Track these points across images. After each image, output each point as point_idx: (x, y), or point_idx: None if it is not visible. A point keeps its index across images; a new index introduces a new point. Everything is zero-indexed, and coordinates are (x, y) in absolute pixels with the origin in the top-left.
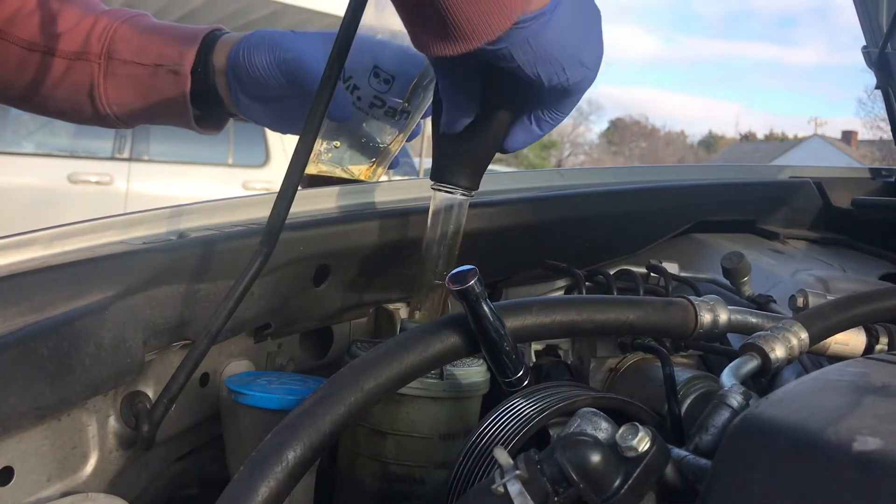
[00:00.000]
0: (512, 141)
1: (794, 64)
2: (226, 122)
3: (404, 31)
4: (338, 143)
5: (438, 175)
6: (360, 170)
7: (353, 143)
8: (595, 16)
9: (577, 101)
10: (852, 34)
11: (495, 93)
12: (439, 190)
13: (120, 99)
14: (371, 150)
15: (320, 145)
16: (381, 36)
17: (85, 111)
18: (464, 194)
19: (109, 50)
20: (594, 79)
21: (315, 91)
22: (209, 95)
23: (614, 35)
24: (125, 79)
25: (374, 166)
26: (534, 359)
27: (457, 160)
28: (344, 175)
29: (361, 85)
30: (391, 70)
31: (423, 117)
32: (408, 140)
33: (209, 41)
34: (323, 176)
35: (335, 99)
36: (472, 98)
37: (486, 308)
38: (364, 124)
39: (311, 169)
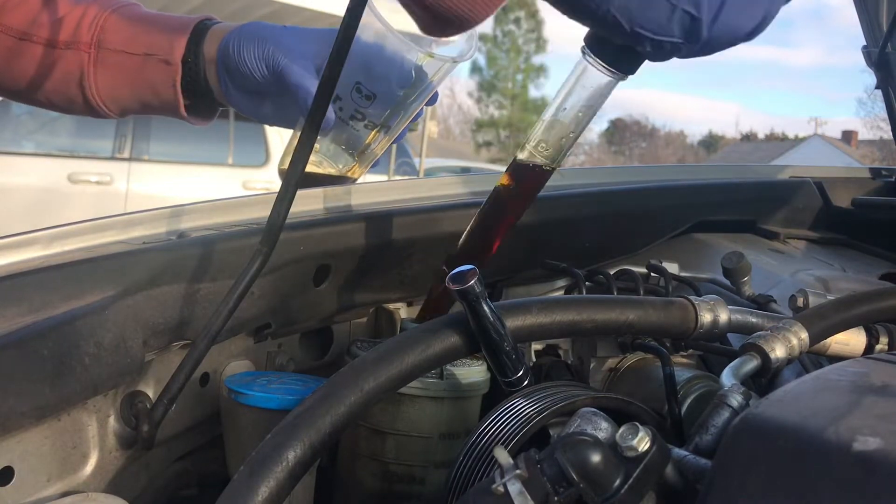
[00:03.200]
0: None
1: (791, 65)
2: (216, 113)
3: (394, 47)
4: (317, 147)
5: (602, 53)
6: (342, 169)
7: (335, 147)
8: None
9: None
10: (848, 35)
11: None
12: (593, 65)
13: (110, 89)
14: (350, 156)
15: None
16: (370, 52)
17: (75, 101)
18: (614, 77)
19: (99, 39)
20: None
21: (294, 89)
22: (199, 85)
23: None
24: (115, 68)
25: (356, 166)
26: (534, 359)
27: (623, 49)
28: (330, 172)
29: (343, 97)
30: (373, 89)
31: (413, 121)
32: (394, 141)
33: (199, 31)
34: (307, 173)
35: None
36: None
37: (486, 308)
38: (345, 134)
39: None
